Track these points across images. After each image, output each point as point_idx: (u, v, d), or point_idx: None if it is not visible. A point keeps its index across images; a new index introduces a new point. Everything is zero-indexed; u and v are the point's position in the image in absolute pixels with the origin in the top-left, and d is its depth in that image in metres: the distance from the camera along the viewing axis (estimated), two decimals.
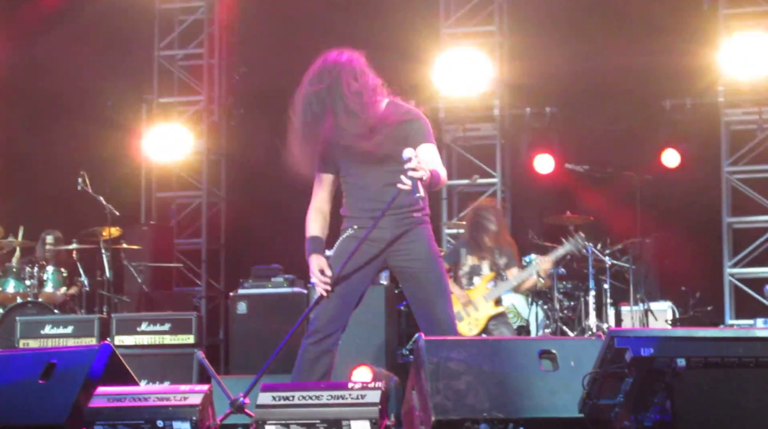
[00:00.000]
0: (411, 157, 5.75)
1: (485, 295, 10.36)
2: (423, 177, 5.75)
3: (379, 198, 6.08)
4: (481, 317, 10.33)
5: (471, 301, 10.35)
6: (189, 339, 9.94)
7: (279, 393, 5.49)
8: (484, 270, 10.49)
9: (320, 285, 6.08)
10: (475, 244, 10.55)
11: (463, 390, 5.42)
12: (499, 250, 10.56)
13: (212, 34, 15.28)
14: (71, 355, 6.18)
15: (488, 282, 10.41)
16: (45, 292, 11.80)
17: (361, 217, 6.19)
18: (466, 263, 10.53)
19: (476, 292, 10.40)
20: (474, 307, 10.35)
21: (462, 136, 14.66)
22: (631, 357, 4.99)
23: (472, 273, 10.51)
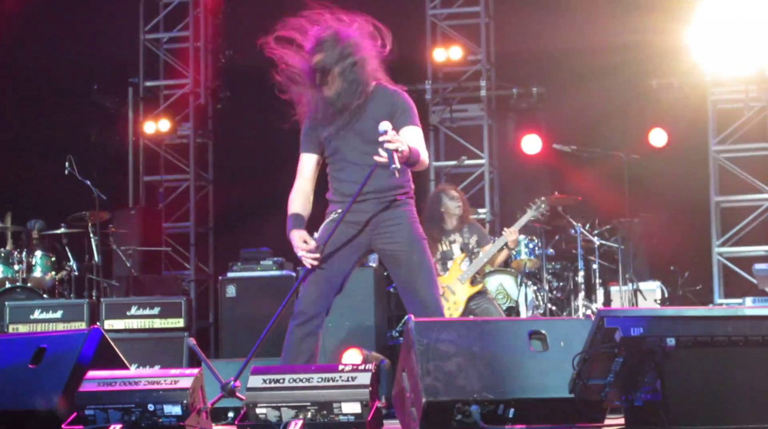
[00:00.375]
0: (386, 130, 5.77)
1: (459, 277, 10.33)
2: (398, 148, 5.75)
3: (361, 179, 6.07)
4: (460, 300, 10.31)
5: (446, 286, 10.34)
6: (179, 323, 9.93)
7: (269, 376, 5.49)
8: (455, 253, 10.46)
9: (306, 256, 6.07)
10: (439, 231, 10.47)
11: (454, 371, 5.43)
12: (467, 229, 10.50)
13: (198, 16, 15.22)
14: (61, 339, 6.17)
15: (461, 263, 10.38)
16: (34, 276, 11.78)
17: (346, 200, 6.18)
18: (438, 250, 10.48)
19: (450, 276, 10.37)
20: (450, 291, 10.32)
21: (449, 116, 14.64)
22: (620, 337, 5.01)
23: (444, 259, 10.47)
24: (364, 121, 6.08)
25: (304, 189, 6.28)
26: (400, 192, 6.21)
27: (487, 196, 14.19)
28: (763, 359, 5.13)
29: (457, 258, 10.35)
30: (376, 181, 6.04)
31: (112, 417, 5.44)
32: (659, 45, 13.23)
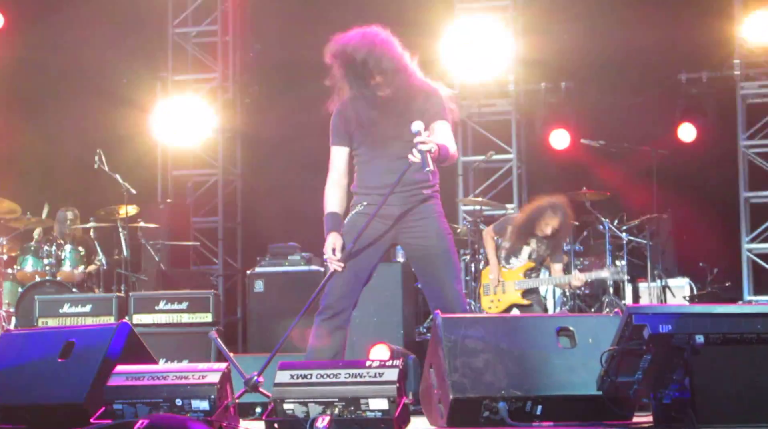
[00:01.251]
0: (420, 131, 5.78)
1: (517, 282, 10.34)
2: (432, 149, 5.76)
3: (391, 173, 6.10)
4: (504, 300, 10.34)
5: (502, 281, 10.35)
6: (207, 317, 9.94)
7: (296, 371, 5.50)
8: (523, 254, 10.41)
9: (333, 263, 6.09)
10: (525, 229, 10.38)
11: (481, 368, 5.43)
12: (547, 244, 10.37)
13: (226, 11, 15.24)
14: (90, 333, 6.21)
15: (524, 271, 10.36)
16: (63, 270, 11.84)
17: (372, 193, 6.22)
18: (508, 239, 10.43)
19: (510, 275, 10.37)
20: (502, 288, 10.35)
21: (477, 112, 14.62)
22: (649, 334, 4.99)
23: (510, 251, 10.44)
24: (396, 112, 6.09)
25: (340, 183, 6.31)
26: (426, 186, 6.22)
27: (516, 191, 14.16)
28: None
29: (524, 264, 10.32)
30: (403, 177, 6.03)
31: (141, 411, 5.46)
32: (688, 39, 13.17)
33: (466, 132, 14.60)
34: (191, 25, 15.44)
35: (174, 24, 15.33)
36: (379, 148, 6.19)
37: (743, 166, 13.56)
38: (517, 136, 14.37)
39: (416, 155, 5.79)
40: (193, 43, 15.44)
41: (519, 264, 10.38)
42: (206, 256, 15.03)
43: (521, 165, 14.43)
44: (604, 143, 12.36)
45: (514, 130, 14.37)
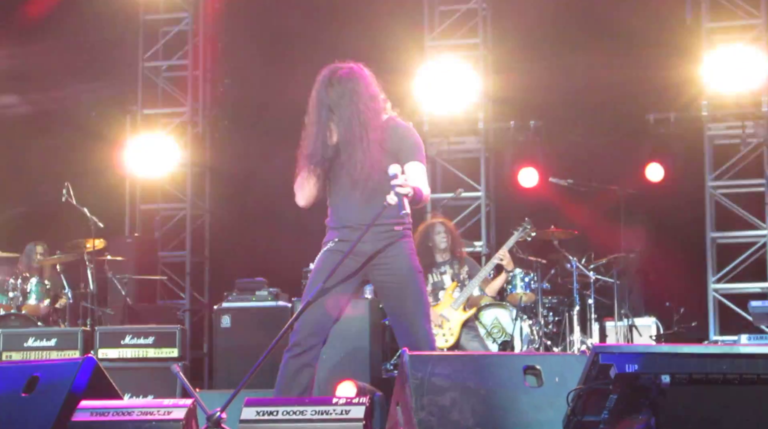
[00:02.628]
0: (397, 174, 5.79)
1: (452, 303, 10.40)
2: (408, 194, 5.79)
3: (363, 210, 6.11)
4: (455, 326, 10.37)
5: (440, 314, 10.39)
6: (173, 352, 9.91)
7: (263, 408, 5.47)
8: (446, 283, 10.53)
9: None
10: (430, 262, 10.58)
11: (448, 406, 5.41)
12: (457, 262, 10.62)
13: (197, 45, 15.25)
14: (54, 368, 6.15)
15: (452, 291, 10.44)
16: (28, 304, 11.78)
17: (343, 228, 6.21)
18: (428, 282, 10.54)
19: (443, 304, 10.43)
20: (445, 318, 10.38)
21: (446, 149, 14.67)
22: (615, 373, 4.99)
23: (435, 289, 10.55)
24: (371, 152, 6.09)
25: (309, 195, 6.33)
26: (397, 224, 6.22)
27: (484, 228, 14.19)
28: (759, 398, 5.11)
29: (449, 287, 10.40)
30: (373, 212, 6.04)
31: None
32: (656, 80, 13.27)
33: (435, 169, 14.63)
34: (162, 58, 15.44)
35: (144, 57, 15.31)
36: (355, 184, 6.19)
37: (710, 207, 13.65)
38: (485, 173, 14.41)
39: (393, 198, 5.81)
40: (163, 77, 15.43)
41: (446, 292, 10.45)
42: (173, 290, 14.96)
43: (490, 202, 14.46)
44: (573, 182, 12.40)
45: (483, 167, 14.42)
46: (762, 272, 13.45)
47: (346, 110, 6.08)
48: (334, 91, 6.11)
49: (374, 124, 6.14)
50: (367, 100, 6.13)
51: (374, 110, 6.16)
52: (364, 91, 6.14)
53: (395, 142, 6.18)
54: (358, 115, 6.08)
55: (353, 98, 6.09)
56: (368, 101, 6.13)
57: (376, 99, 6.19)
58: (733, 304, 13.32)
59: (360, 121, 6.08)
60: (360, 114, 6.08)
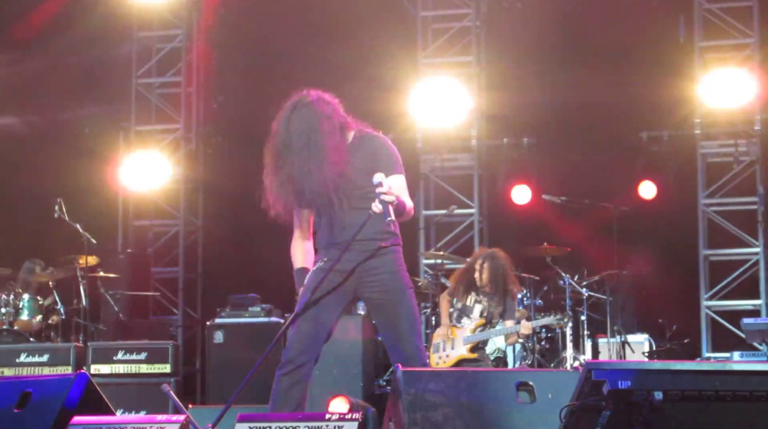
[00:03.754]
0: (381, 182, 5.81)
1: (465, 337, 10.37)
2: (393, 202, 5.80)
3: (349, 228, 6.09)
4: (453, 356, 10.36)
5: (452, 338, 10.38)
6: (165, 368, 9.90)
7: (256, 423, 5.46)
8: (474, 313, 10.48)
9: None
10: (470, 285, 10.54)
11: (441, 422, 5.41)
12: (497, 298, 10.49)
13: (190, 62, 15.25)
14: (47, 384, 6.13)
15: (476, 328, 10.41)
16: (20, 319, 11.74)
17: (330, 247, 6.20)
18: (461, 301, 10.52)
19: (459, 331, 10.41)
20: (451, 344, 10.37)
21: (439, 166, 14.68)
22: (608, 390, 4.99)
23: (462, 312, 10.51)
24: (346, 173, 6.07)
25: (304, 238, 6.33)
26: (387, 239, 6.21)
27: (477, 245, 14.17)
28: (751, 415, 5.12)
29: (475, 322, 10.36)
30: (362, 229, 6.04)
31: None
32: (649, 98, 13.31)
33: (428, 186, 14.65)
34: (155, 75, 15.46)
35: (138, 74, 15.32)
36: (337, 207, 6.17)
37: (703, 224, 13.68)
38: (479, 190, 14.43)
39: (378, 206, 5.82)
40: (156, 94, 15.44)
41: (470, 324, 10.42)
42: (166, 306, 14.94)
43: (483, 219, 14.47)
44: (566, 199, 12.42)
45: (476, 184, 14.43)
46: (754, 289, 13.48)
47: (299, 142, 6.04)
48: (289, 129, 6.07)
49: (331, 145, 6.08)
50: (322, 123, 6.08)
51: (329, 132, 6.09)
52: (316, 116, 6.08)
53: (368, 156, 6.14)
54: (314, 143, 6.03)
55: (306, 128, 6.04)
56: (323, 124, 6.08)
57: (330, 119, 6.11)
58: (725, 321, 13.34)
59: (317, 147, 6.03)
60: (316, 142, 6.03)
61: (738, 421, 5.10)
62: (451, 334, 10.38)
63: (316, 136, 6.03)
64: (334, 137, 6.11)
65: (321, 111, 6.11)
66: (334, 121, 6.13)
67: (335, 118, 6.14)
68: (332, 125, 6.11)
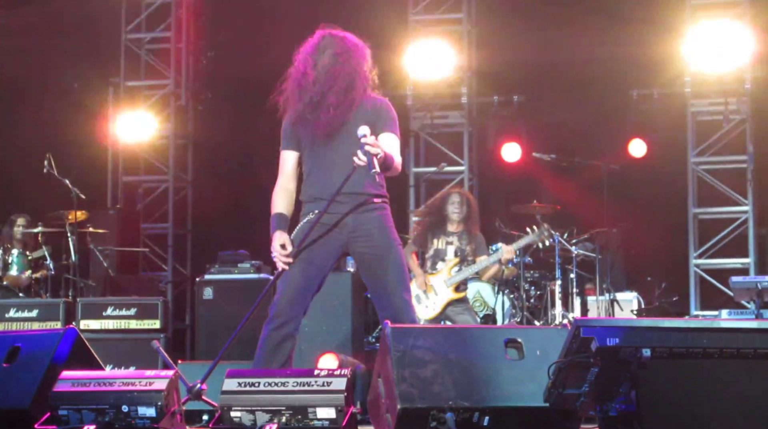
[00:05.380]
0: (366, 134, 5.82)
1: (446, 279, 10.38)
2: (378, 155, 5.81)
3: (338, 179, 6.08)
4: (439, 301, 10.36)
5: (431, 284, 10.39)
6: (155, 324, 9.92)
7: (244, 379, 5.48)
8: (448, 255, 10.51)
9: (280, 259, 6.08)
10: (438, 228, 10.57)
11: (429, 378, 5.42)
12: (466, 236, 10.56)
13: (180, 17, 15.17)
14: (36, 338, 6.15)
15: (452, 268, 10.43)
16: (10, 275, 11.75)
17: (320, 201, 6.20)
18: (431, 247, 10.55)
19: (437, 276, 10.42)
20: (434, 291, 10.38)
21: (429, 123, 14.65)
22: (596, 347, 5.01)
23: (435, 257, 10.53)
24: (347, 126, 6.09)
25: (288, 187, 6.31)
26: (376, 195, 6.23)
27: None
28: (738, 372, 5.14)
29: (450, 261, 10.39)
30: (352, 184, 6.05)
31: (86, 417, 5.42)
32: (640, 56, 13.27)
33: (418, 143, 14.64)
34: (144, 31, 15.36)
35: (127, 30, 15.23)
36: (327, 154, 6.20)
37: (692, 183, 13.69)
38: (469, 148, 14.42)
39: (362, 158, 5.82)
40: (146, 49, 15.36)
41: (444, 266, 10.44)
42: (155, 262, 14.95)
43: (473, 177, 14.47)
44: (556, 157, 12.42)
45: (466, 142, 14.42)
46: (743, 248, 13.51)
47: (340, 69, 6.13)
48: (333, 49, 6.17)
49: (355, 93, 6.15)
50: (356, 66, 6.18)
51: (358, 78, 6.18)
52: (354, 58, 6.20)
53: (372, 114, 6.19)
54: (351, 78, 6.14)
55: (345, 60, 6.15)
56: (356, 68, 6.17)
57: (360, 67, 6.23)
58: (714, 280, 13.38)
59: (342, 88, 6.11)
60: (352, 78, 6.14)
61: (725, 378, 5.13)
62: (429, 281, 10.39)
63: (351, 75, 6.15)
64: (362, 83, 6.21)
65: (360, 58, 6.24)
66: (366, 70, 6.26)
67: (367, 68, 6.27)
68: (364, 72, 6.24)
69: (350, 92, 6.15)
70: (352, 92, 6.15)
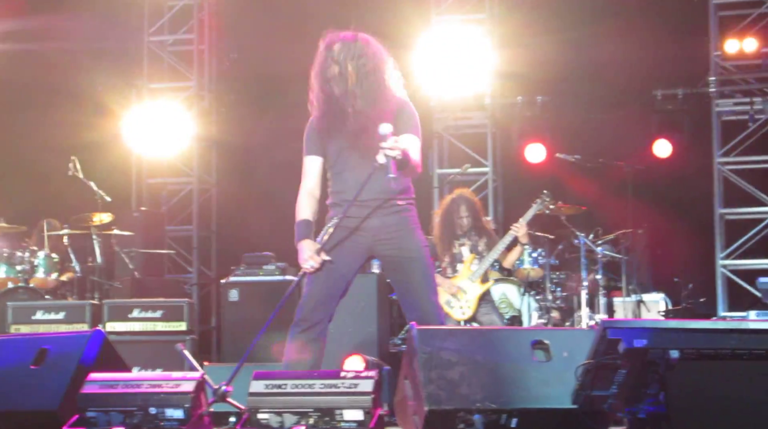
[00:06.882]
0: (388, 134, 5.80)
1: (470, 276, 10.38)
2: (397, 156, 5.79)
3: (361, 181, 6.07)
4: (471, 298, 10.35)
5: (458, 286, 10.38)
6: (181, 326, 9.93)
7: (271, 381, 5.49)
8: (464, 255, 10.51)
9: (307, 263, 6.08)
10: (450, 234, 10.56)
11: (456, 380, 5.42)
12: (476, 233, 10.57)
13: (202, 19, 15.21)
14: (64, 340, 6.17)
15: (471, 264, 10.42)
16: (36, 277, 11.79)
17: (344, 204, 6.19)
18: (447, 254, 10.53)
19: (461, 276, 10.42)
20: (462, 290, 10.37)
21: (453, 124, 14.63)
22: (624, 348, 4.99)
23: (454, 261, 10.52)
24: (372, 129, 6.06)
25: (313, 192, 6.30)
26: (402, 197, 6.23)
27: (491, 204, 14.17)
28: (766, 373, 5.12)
29: (467, 259, 10.38)
30: (376, 186, 6.04)
31: (114, 419, 5.44)
32: (664, 56, 13.22)
33: (442, 145, 14.62)
34: (167, 33, 15.41)
35: (150, 32, 15.29)
36: (352, 158, 6.18)
37: (718, 183, 13.62)
38: (493, 149, 14.40)
39: (382, 158, 5.83)
40: (168, 51, 15.40)
41: (464, 265, 10.44)
42: (180, 264, 14.98)
43: (497, 178, 14.44)
44: (580, 158, 12.37)
45: (489, 143, 14.40)
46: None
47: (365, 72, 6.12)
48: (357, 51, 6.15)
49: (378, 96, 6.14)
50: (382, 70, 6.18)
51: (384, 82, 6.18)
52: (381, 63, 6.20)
53: (394, 115, 6.15)
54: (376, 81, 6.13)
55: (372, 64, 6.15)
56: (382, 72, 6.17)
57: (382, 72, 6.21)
58: (741, 280, 13.31)
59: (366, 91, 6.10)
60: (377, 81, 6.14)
61: (754, 379, 5.10)
62: (456, 283, 10.38)
63: (376, 75, 6.14)
64: (387, 86, 6.21)
65: (383, 60, 6.24)
66: (388, 73, 6.25)
67: (389, 70, 6.27)
68: (387, 75, 6.23)
69: (375, 95, 6.13)
70: (376, 95, 6.14)
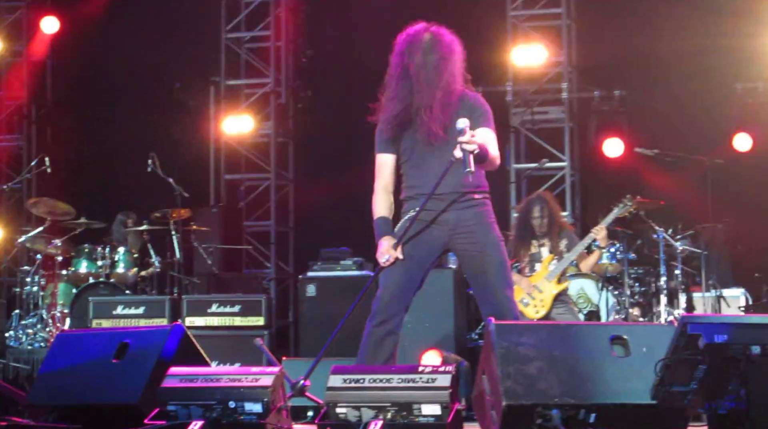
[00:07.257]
0: (464, 129, 5.81)
1: (546, 275, 10.32)
2: (474, 151, 5.79)
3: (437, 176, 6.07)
4: (546, 297, 10.29)
5: (534, 285, 10.34)
6: (259, 321, 10.00)
7: (349, 375, 5.50)
8: (543, 254, 10.45)
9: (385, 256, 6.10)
10: (530, 234, 10.50)
11: (534, 375, 5.39)
12: (557, 234, 10.49)
13: (279, 16, 15.29)
14: (144, 335, 6.25)
15: (549, 264, 10.37)
16: (116, 272, 11.95)
17: (421, 198, 6.19)
18: (527, 254, 10.49)
19: (538, 275, 10.37)
20: (537, 289, 10.32)
21: (530, 119, 14.58)
22: (704, 344, 4.95)
23: (532, 261, 10.46)
24: (448, 124, 6.06)
25: (387, 189, 6.31)
26: (478, 191, 6.22)
27: (569, 199, 14.10)
28: None
29: (546, 259, 10.34)
30: (452, 180, 6.03)
31: (194, 413, 5.48)
32: (744, 49, 13.09)
33: (519, 139, 14.57)
34: (244, 30, 15.52)
35: (227, 29, 15.40)
36: (428, 152, 6.19)
37: None
38: (570, 143, 14.32)
39: (459, 153, 5.83)
40: (245, 48, 15.52)
41: (542, 264, 10.38)
42: (258, 260, 15.07)
43: (574, 173, 14.37)
44: (659, 152, 12.24)
45: (567, 137, 14.32)
46: None
47: (442, 68, 6.12)
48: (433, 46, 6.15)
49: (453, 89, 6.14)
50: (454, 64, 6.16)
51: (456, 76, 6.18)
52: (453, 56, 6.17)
53: (466, 110, 6.14)
54: (452, 76, 6.13)
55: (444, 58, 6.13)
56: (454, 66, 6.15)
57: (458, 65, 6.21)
58: None
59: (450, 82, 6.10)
60: (453, 76, 6.13)
61: None
62: (532, 282, 10.34)
63: (449, 74, 6.14)
64: (460, 80, 6.22)
65: (458, 54, 6.23)
66: (462, 67, 6.25)
67: (463, 64, 6.27)
68: (462, 69, 6.24)
69: (451, 90, 6.14)
70: (452, 90, 6.14)
